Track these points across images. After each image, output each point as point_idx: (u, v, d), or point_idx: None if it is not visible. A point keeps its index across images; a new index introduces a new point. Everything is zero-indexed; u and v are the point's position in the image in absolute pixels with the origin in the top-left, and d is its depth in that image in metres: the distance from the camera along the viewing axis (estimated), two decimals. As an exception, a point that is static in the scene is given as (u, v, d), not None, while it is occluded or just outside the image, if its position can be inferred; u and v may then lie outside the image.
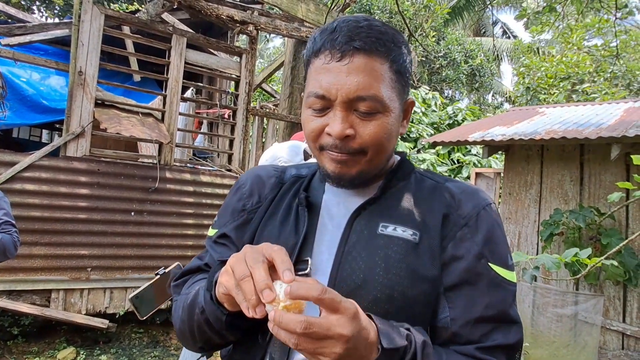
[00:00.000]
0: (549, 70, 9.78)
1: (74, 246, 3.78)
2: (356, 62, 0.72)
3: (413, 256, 0.74)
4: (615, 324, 4.24)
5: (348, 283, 0.74)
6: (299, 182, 0.91)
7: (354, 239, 0.78)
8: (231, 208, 0.91)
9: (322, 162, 0.79)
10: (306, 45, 0.81)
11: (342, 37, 0.73)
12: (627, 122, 4.33)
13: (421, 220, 0.78)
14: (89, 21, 3.72)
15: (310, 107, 0.76)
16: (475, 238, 0.76)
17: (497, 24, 18.57)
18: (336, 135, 0.73)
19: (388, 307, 0.72)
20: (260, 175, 0.93)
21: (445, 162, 9.61)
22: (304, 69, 0.83)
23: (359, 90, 0.72)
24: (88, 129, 3.75)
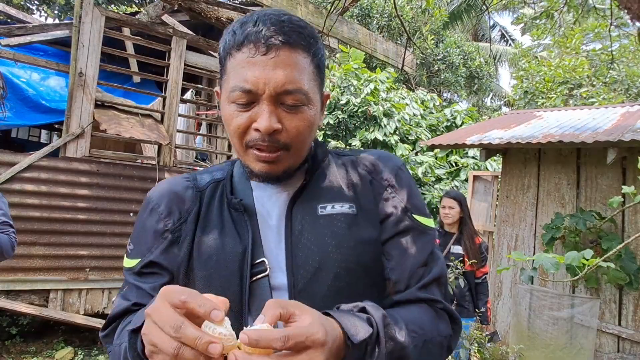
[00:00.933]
0: (547, 74, 9.82)
1: (73, 246, 3.79)
2: (282, 55, 0.71)
3: (356, 226, 0.80)
4: (611, 326, 4.26)
5: (306, 269, 0.77)
6: (220, 187, 0.87)
7: (298, 227, 0.79)
8: (150, 232, 0.83)
9: (247, 161, 0.78)
10: (222, 38, 0.78)
11: (266, 31, 0.71)
12: (624, 126, 4.37)
13: (352, 193, 0.84)
14: (89, 23, 3.74)
15: (235, 102, 0.74)
16: (399, 195, 0.85)
17: (496, 27, 18.64)
18: (265, 130, 0.72)
19: (349, 280, 0.77)
20: (174, 191, 0.86)
21: (443, 165, 9.64)
22: (220, 62, 0.79)
23: (286, 84, 0.72)
24: (88, 129, 3.76)
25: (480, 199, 6.43)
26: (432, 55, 14.21)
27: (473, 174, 6.54)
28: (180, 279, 0.79)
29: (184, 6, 4.15)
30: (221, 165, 0.95)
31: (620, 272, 3.98)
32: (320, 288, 0.76)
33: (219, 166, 0.94)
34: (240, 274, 0.76)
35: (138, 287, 0.80)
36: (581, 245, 4.29)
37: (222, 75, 0.79)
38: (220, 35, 3.40)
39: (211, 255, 0.78)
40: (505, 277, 5.14)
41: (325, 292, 0.76)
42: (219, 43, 0.80)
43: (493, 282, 5.22)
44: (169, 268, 0.80)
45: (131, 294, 0.80)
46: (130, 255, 0.84)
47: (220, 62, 0.79)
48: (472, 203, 6.39)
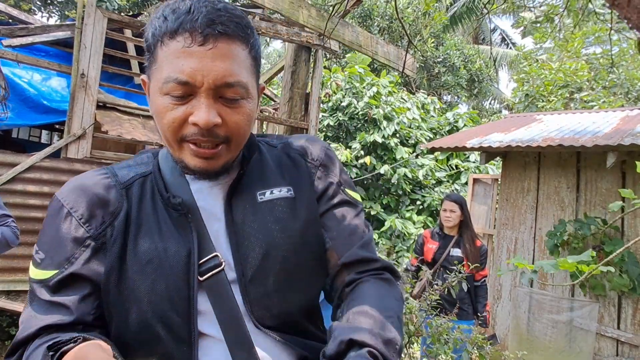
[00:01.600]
0: (547, 77, 9.85)
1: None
2: (220, 47, 0.68)
3: (296, 208, 0.82)
4: (610, 330, 4.27)
5: (253, 257, 0.76)
6: (149, 183, 0.80)
7: (239, 217, 0.78)
8: (67, 240, 0.72)
9: (182, 156, 0.73)
10: (151, 23, 0.72)
11: (202, 19, 0.67)
12: (623, 130, 4.38)
13: (288, 176, 0.85)
14: (91, 24, 3.76)
15: (169, 94, 0.69)
16: (332, 172, 0.89)
17: (496, 31, 18.68)
18: (204, 124, 0.68)
19: (297, 261, 0.79)
20: (93, 191, 0.75)
21: (443, 168, 9.65)
22: (149, 49, 0.72)
23: (226, 77, 0.68)
24: (89, 131, 3.77)
25: (480, 201, 6.44)
26: (433, 57, 14.24)
27: (473, 176, 6.55)
28: (109, 288, 0.72)
29: (186, 8, 4.16)
30: (140, 158, 0.86)
31: (623, 278, 3.99)
32: (270, 274, 0.76)
33: (138, 159, 0.85)
34: (187, 277, 0.73)
35: (54, 303, 0.70)
36: (585, 251, 4.30)
37: (150, 63, 0.73)
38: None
39: (151, 260, 0.72)
40: (505, 280, 5.15)
41: (276, 277, 0.77)
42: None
43: (493, 285, 5.23)
44: (93, 279, 0.72)
45: (43, 312, 0.70)
46: (41, 265, 0.72)
47: (148, 49, 0.73)
48: (472, 206, 6.40)
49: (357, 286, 0.80)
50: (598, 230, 4.19)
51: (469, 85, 14.71)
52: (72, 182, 0.78)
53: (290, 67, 5.08)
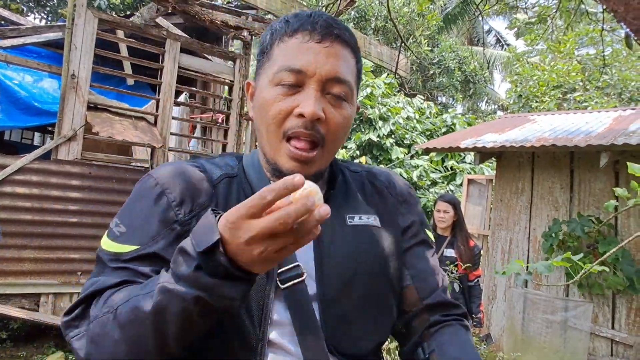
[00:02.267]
0: (540, 78, 9.88)
1: (65, 250, 3.76)
2: (335, 47, 0.72)
3: (382, 237, 0.82)
4: (605, 330, 4.27)
5: (337, 279, 0.75)
6: (235, 185, 0.79)
7: (327, 236, 0.77)
8: (156, 218, 0.71)
9: (277, 158, 0.74)
10: (270, 28, 0.77)
11: (322, 22, 0.72)
12: (616, 130, 4.39)
13: (374, 206, 0.85)
14: (82, 25, 3.73)
15: (279, 83, 0.71)
16: (413, 210, 0.90)
17: (491, 32, 18.75)
18: (310, 114, 0.68)
19: (377, 289, 0.78)
20: (189, 178, 0.75)
21: (438, 169, 9.66)
22: (263, 51, 0.76)
23: (337, 73, 0.71)
24: (80, 132, 3.74)
25: (474, 202, 6.44)
26: (428, 59, 14.27)
27: (468, 177, 6.56)
28: None
29: (177, 9, 4.14)
30: (224, 159, 0.85)
31: (618, 277, 3.99)
32: (351, 298, 0.75)
33: (223, 160, 0.84)
34: (264, 284, 0.71)
35: (128, 269, 0.68)
36: (581, 250, 4.30)
37: (263, 63, 0.77)
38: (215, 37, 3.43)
39: None
40: (500, 281, 5.14)
41: (356, 302, 0.76)
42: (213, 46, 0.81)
43: (487, 286, 5.22)
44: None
45: (114, 275, 0.67)
46: (120, 239, 0.71)
47: (262, 52, 0.77)
48: (467, 207, 6.40)
49: (443, 329, 0.82)
50: (592, 229, 4.19)
51: (463, 86, 14.75)
52: (168, 165, 0.78)
53: (284, 68, 5.06)
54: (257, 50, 0.80)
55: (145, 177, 0.77)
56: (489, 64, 15.37)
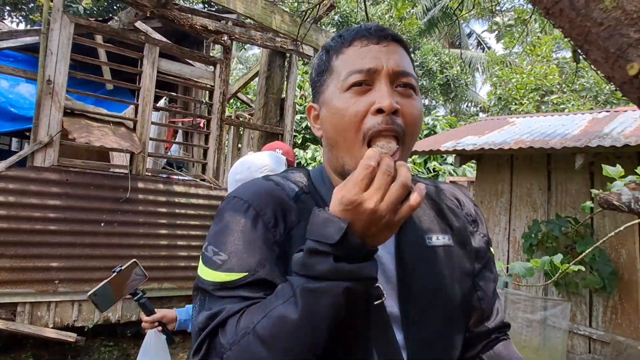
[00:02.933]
0: (519, 81, 10.07)
1: (41, 258, 3.69)
2: (393, 45, 0.75)
3: (457, 258, 0.82)
4: (582, 328, 4.36)
5: (420, 299, 0.76)
6: (312, 201, 0.78)
7: (409, 256, 0.77)
8: (259, 241, 0.69)
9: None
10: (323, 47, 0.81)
11: (374, 27, 0.76)
12: (591, 132, 4.50)
13: (447, 224, 0.85)
14: (58, 29, 3.67)
15: (349, 87, 0.72)
16: (482, 230, 0.90)
17: (472, 35, 19.03)
18: (388, 107, 0.68)
19: (456, 311, 0.80)
20: (277, 197, 0.74)
21: (420, 171, 9.75)
22: (322, 69, 0.78)
23: (402, 66, 0.74)
24: (56, 138, 3.68)
25: (456, 204, 6.51)
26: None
27: (449, 179, 6.64)
28: None
29: (156, 13, 4.11)
30: (294, 175, 0.83)
31: (595, 276, 4.08)
32: (433, 320, 0.76)
33: (292, 176, 0.83)
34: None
35: (240, 297, 0.65)
36: (559, 250, 4.38)
37: (324, 80, 0.78)
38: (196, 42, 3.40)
39: None
40: (481, 281, 5.21)
41: (437, 324, 0.76)
42: (193, 50, 0.81)
43: (469, 287, 5.28)
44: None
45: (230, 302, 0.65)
46: (223, 267, 0.67)
47: (320, 72, 0.79)
48: (449, 208, 6.46)
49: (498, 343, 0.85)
50: (570, 230, 4.28)
51: (444, 89, 14.93)
52: (251, 186, 0.78)
53: (265, 72, 5.07)
54: (313, 75, 0.81)
55: (232, 200, 0.75)
56: (469, 66, 15.58)
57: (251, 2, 3.99)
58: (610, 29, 0.68)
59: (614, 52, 0.69)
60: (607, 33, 0.69)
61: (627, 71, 0.68)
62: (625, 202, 0.75)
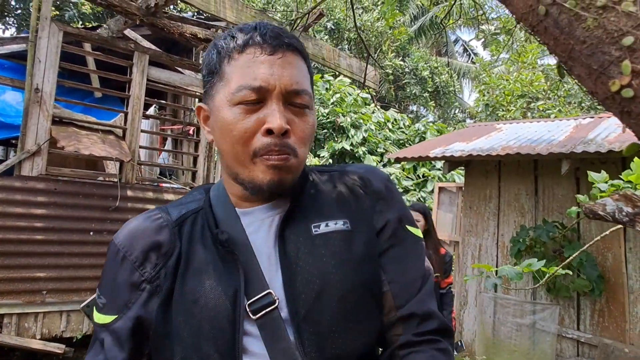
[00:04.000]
0: (506, 88, 10.22)
1: (29, 268, 3.64)
2: (288, 57, 0.71)
3: (353, 242, 0.76)
4: (571, 331, 4.41)
5: (307, 293, 0.71)
6: (199, 219, 0.78)
7: (292, 250, 0.74)
8: (124, 285, 0.74)
9: (253, 173, 0.71)
10: (214, 46, 0.75)
11: (270, 33, 0.71)
12: (576, 138, 4.58)
13: (345, 208, 0.79)
14: (46, 37, 3.65)
15: (241, 102, 0.69)
16: (392, 207, 0.82)
17: (458, 42, 19.28)
18: (278, 129, 0.67)
19: (354, 299, 0.73)
20: (146, 233, 0.76)
21: (410, 177, 9.82)
22: (212, 71, 0.74)
23: (296, 83, 0.71)
24: (44, 147, 3.65)
25: (445, 209, 6.58)
26: (400, 69, 14.55)
27: (439, 185, 6.70)
28: (158, 328, 0.72)
29: (146, 22, 4.11)
30: (193, 195, 0.84)
31: (584, 280, 4.14)
32: (325, 313, 0.71)
33: (190, 197, 0.84)
34: (234, 318, 0.69)
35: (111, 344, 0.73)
36: (547, 255, 4.44)
37: (213, 84, 0.73)
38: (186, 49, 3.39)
39: (197, 300, 0.70)
40: (471, 287, 5.25)
41: (331, 317, 0.71)
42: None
43: (459, 292, 5.32)
44: (149, 321, 0.73)
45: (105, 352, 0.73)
46: (103, 310, 0.75)
47: (210, 72, 0.74)
48: (438, 214, 6.52)
49: (411, 355, 0.74)
50: (557, 235, 4.35)
51: (434, 96, 15.09)
52: (127, 225, 0.80)
53: (255, 79, 5.07)
54: (204, 71, 0.76)
55: (110, 245, 0.79)
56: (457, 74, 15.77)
57: (241, 11, 4.01)
58: (592, 47, 0.71)
59: (597, 68, 0.72)
60: (589, 51, 0.72)
61: (609, 87, 0.71)
62: (609, 212, 0.77)
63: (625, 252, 4.15)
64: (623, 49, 0.68)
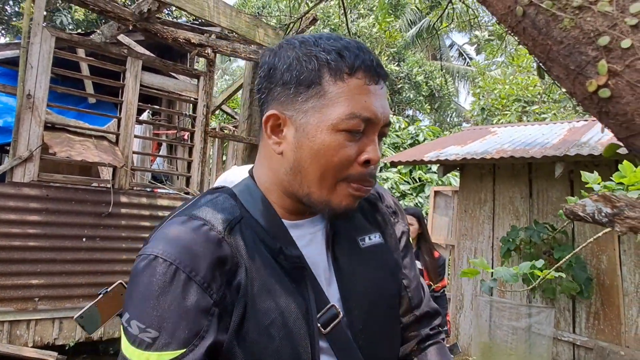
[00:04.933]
0: (502, 91, 10.26)
1: (20, 275, 3.61)
2: (385, 88, 0.73)
3: (390, 254, 0.84)
4: (566, 334, 4.40)
5: (362, 304, 0.76)
6: (249, 231, 0.71)
7: (346, 263, 0.77)
8: (193, 312, 0.62)
9: (332, 196, 0.70)
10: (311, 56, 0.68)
11: (375, 60, 0.70)
12: (570, 141, 4.60)
13: (374, 222, 0.86)
14: (38, 43, 3.64)
15: (347, 130, 0.67)
16: (403, 219, 0.92)
17: (454, 46, 19.37)
18: (376, 161, 0.70)
19: (396, 307, 0.83)
20: (212, 244, 0.66)
21: (407, 181, 9.82)
22: (309, 83, 0.68)
23: (389, 117, 0.73)
24: (37, 153, 3.63)
25: (441, 213, 6.57)
26: (395, 73, 14.60)
27: (434, 189, 6.70)
28: (233, 355, 0.64)
29: (139, 27, 4.11)
30: (215, 200, 0.74)
31: (572, 282, 4.14)
32: (378, 322, 0.77)
33: (214, 201, 0.73)
34: (311, 335, 0.69)
35: None
36: (536, 256, 4.44)
37: (308, 98, 0.68)
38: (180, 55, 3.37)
39: (273, 321, 0.66)
40: (466, 290, 5.25)
41: (382, 325, 0.78)
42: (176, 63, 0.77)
43: (455, 295, 5.31)
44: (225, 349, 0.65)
45: None
46: (156, 346, 0.60)
47: (302, 84, 0.68)
48: (434, 217, 6.52)
49: (432, 347, 0.87)
50: (548, 236, 4.35)
51: (429, 100, 15.13)
52: (174, 238, 0.65)
53: (249, 85, 5.09)
54: (286, 77, 0.69)
55: (154, 262, 0.63)
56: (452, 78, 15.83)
57: (235, 17, 4.02)
58: (569, 47, 0.71)
59: (574, 69, 0.72)
60: (567, 51, 0.72)
61: (587, 87, 0.71)
62: (589, 213, 0.77)
63: (619, 254, 4.15)
64: (599, 48, 0.68)
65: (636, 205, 0.70)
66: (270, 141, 0.73)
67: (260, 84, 0.74)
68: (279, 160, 0.73)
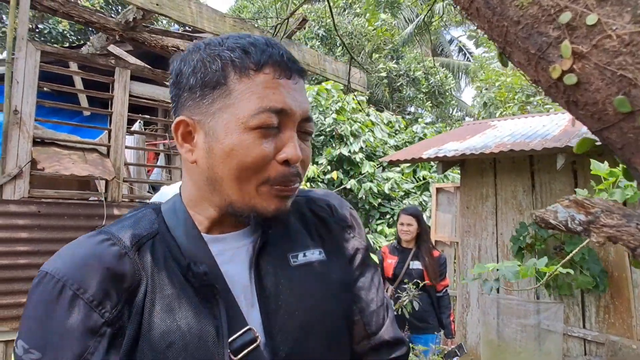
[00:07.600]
0: (503, 84, 10.12)
1: (13, 294, 3.56)
2: (300, 83, 0.68)
3: (331, 273, 0.74)
4: (577, 330, 4.29)
5: (289, 330, 0.67)
6: (160, 247, 0.67)
7: (271, 283, 0.69)
8: (78, 331, 0.58)
9: (255, 201, 0.65)
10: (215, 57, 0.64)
11: (286, 54, 0.66)
12: (571, 132, 4.48)
13: (317, 237, 0.78)
14: (23, 58, 3.60)
15: (260, 126, 0.62)
16: (359, 235, 0.83)
17: (453, 41, 19.22)
18: (296, 159, 0.64)
19: (336, 333, 0.72)
20: (103, 264, 0.61)
21: (409, 180, 9.71)
22: (215, 84, 0.64)
23: (309, 111, 0.68)
24: (26, 169, 3.58)
25: (444, 210, 6.46)
26: (394, 71, 14.50)
27: (436, 186, 6.60)
28: None
29: (125, 37, 4.06)
30: (137, 215, 0.71)
31: (587, 276, 4.03)
32: (309, 349, 0.67)
33: (135, 217, 0.71)
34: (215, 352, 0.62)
35: None
36: (548, 252, 4.32)
37: (215, 99, 0.64)
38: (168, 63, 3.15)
39: (172, 343, 0.60)
40: (473, 289, 5.13)
41: (314, 352, 0.68)
42: (165, 72, 0.73)
43: (461, 294, 5.20)
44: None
45: None
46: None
47: (208, 85, 0.64)
48: (437, 215, 6.42)
49: None
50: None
51: (430, 96, 15.01)
52: (69, 253, 0.63)
53: (241, 89, 5.01)
54: (191, 82, 0.65)
55: (43, 278, 0.60)
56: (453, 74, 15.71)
57: (219, 21, 3.95)
58: (528, 28, 0.62)
59: (535, 53, 0.63)
60: (525, 32, 0.63)
61: (550, 74, 0.62)
62: (562, 220, 0.68)
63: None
64: (561, 27, 0.59)
65: (613, 210, 0.60)
66: (182, 150, 0.68)
67: (171, 92, 0.70)
68: (195, 170, 0.68)
